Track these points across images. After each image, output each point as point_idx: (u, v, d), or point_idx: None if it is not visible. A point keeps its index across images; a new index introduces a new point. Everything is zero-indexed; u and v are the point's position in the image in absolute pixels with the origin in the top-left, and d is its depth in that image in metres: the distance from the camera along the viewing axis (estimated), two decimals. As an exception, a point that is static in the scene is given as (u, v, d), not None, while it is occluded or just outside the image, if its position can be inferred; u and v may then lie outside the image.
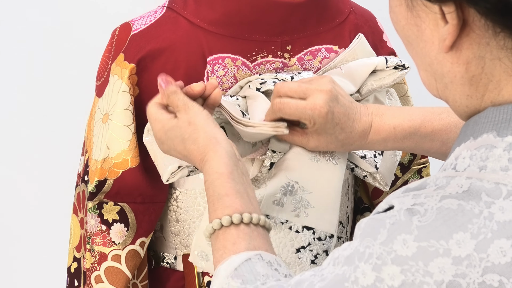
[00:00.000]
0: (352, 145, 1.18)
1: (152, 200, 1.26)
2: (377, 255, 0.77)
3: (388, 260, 0.77)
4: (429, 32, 0.82)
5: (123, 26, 1.26)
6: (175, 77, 1.22)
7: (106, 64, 1.26)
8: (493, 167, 0.78)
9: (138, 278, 1.29)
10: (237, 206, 0.99)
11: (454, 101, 0.85)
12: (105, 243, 1.25)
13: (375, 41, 1.33)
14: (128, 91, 1.22)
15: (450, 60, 0.82)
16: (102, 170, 1.23)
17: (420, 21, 0.83)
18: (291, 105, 1.14)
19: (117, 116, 1.22)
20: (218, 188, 1.01)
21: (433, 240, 0.75)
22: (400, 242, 0.76)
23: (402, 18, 0.85)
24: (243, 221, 0.98)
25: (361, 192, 1.43)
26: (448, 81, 0.83)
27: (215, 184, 1.01)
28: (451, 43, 0.80)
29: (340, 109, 1.15)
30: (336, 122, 1.15)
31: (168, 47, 1.22)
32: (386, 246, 0.77)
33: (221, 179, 1.01)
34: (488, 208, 0.75)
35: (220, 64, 1.22)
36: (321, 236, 1.18)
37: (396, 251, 0.76)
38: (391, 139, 1.17)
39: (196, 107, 1.08)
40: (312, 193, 1.17)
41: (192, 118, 1.07)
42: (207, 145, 1.04)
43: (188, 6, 1.23)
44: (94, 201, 1.24)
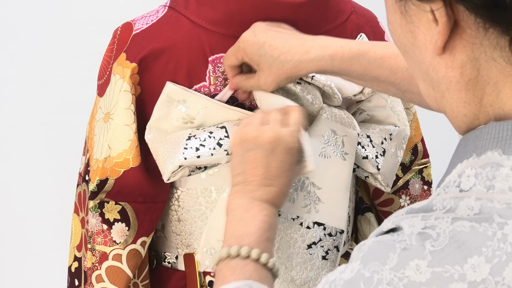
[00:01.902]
0: (295, 62, 1.15)
1: (154, 199, 1.26)
2: (388, 281, 0.74)
3: (400, 286, 0.73)
4: (423, 37, 0.81)
5: (124, 25, 1.26)
6: (176, 77, 1.22)
7: (107, 63, 1.26)
8: (501, 187, 0.76)
9: (139, 278, 1.29)
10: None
11: (451, 111, 0.83)
12: (106, 242, 1.25)
13: (376, 41, 1.33)
14: (129, 90, 1.22)
15: (444, 64, 0.81)
16: (104, 169, 1.23)
17: (414, 26, 0.81)
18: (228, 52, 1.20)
19: (118, 115, 1.22)
20: (260, 223, 1.06)
21: (448, 266, 0.73)
22: (413, 267, 0.74)
23: (397, 27, 0.84)
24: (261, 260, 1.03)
25: (362, 192, 1.43)
26: (445, 87, 0.82)
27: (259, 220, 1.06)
28: (443, 44, 0.79)
29: (266, 31, 1.17)
30: (263, 41, 1.16)
31: (169, 47, 1.22)
32: (398, 271, 0.74)
33: (266, 224, 1.07)
34: (501, 230, 0.73)
35: (222, 63, 1.22)
36: (331, 232, 1.19)
37: (409, 277, 0.74)
38: (338, 57, 1.14)
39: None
40: (322, 189, 1.18)
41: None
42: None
43: (190, 5, 1.23)
44: (95, 201, 1.24)
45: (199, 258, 1.21)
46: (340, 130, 1.21)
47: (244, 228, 1.05)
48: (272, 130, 1.11)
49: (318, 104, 1.22)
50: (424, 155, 1.42)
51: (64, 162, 2.26)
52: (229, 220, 1.08)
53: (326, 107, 1.23)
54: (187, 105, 1.21)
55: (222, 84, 1.23)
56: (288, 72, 1.16)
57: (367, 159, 1.26)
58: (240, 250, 1.02)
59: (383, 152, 1.28)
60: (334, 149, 1.19)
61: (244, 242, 1.03)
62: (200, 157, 1.18)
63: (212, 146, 1.19)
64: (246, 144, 1.12)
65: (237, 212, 1.08)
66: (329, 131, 1.20)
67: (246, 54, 1.17)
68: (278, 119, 1.14)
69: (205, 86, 1.23)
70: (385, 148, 1.28)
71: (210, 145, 1.19)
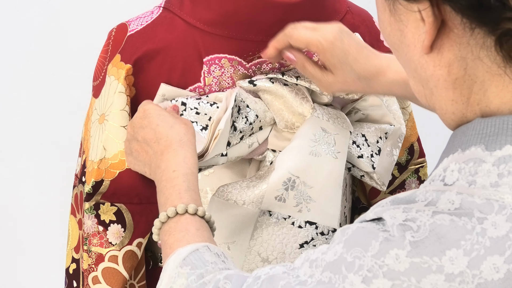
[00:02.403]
0: (370, 81, 1.16)
1: (149, 200, 1.26)
2: (368, 268, 0.76)
3: (379, 273, 0.76)
4: (411, 36, 0.82)
5: (119, 26, 1.26)
6: (171, 78, 1.22)
7: (102, 64, 1.26)
8: (482, 182, 0.77)
9: (135, 279, 1.29)
10: (200, 205, 1.05)
11: (440, 108, 0.84)
12: (102, 244, 1.25)
13: (372, 40, 1.33)
14: (124, 91, 1.22)
15: (432, 63, 0.82)
16: (99, 171, 1.23)
17: (403, 25, 0.82)
18: (301, 30, 1.15)
19: (113, 116, 1.22)
20: (189, 182, 1.07)
21: (426, 257, 0.75)
22: (393, 256, 0.76)
23: (387, 25, 0.85)
24: (204, 217, 1.03)
25: (358, 192, 1.43)
26: (433, 85, 0.83)
27: (189, 178, 1.07)
28: (430, 43, 0.80)
29: (350, 40, 1.15)
30: (347, 49, 1.14)
31: (164, 48, 1.22)
32: (378, 259, 0.76)
33: (193, 177, 1.07)
34: (481, 224, 0.75)
35: (217, 64, 1.22)
36: (324, 231, 1.19)
37: (388, 265, 0.75)
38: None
39: (191, 124, 1.15)
40: (313, 188, 1.17)
41: (187, 123, 1.14)
42: (189, 145, 1.10)
43: (185, 6, 1.23)
44: (91, 202, 1.24)
45: None
46: (331, 129, 1.21)
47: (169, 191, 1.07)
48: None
49: (308, 104, 1.22)
50: (420, 154, 1.42)
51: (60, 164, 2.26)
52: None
53: (317, 106, 1.23)
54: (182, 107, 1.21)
55: (217, 84, 1.23)
56: (358, 88, 1.17)
57: (362, 158, 1.26)
58: (187, 207, 1.03)
59: (379, 151, 1.28)
60: (325, 147, 1.19)
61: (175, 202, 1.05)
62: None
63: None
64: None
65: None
66: (319, 130, 1.19)
67: (323, 53, 1.14)
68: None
69: (200, 87, 1.23)
70: (380, 147, 1.28)
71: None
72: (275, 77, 1.22)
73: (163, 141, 1.11)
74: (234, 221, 1.18)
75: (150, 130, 1.13)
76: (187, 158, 1.08)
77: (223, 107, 1.17)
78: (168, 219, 1.03)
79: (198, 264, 0.94)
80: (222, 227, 1.18)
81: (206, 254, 0.95)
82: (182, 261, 0.94)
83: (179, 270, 0.93)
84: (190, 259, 0.94)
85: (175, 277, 0.93)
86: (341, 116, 1.25)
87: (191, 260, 0.94)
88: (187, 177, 1.06)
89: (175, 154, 1.09)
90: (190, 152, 1.09)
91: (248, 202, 1.17)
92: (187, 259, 0.95)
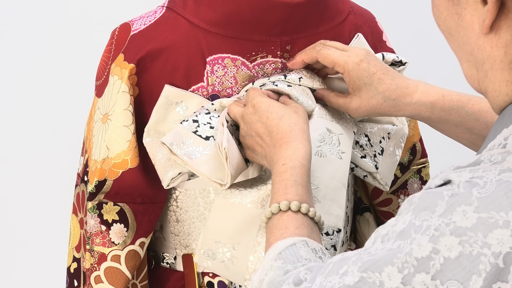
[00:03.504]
0: (396, 102, 1.17)
1: (152, 200, 1.26)
2: (435, 227, 0.78)
3: (446, 231, 0.78)
4: (469, 17, 0.85)
5: (122, 26, 1.26)
6: (174, 77, 1.22)
7: (105, 64, 1.26)
8: None
9: (137, 278, 1.29)
10: (307, 200, 1.04)
11: (493, 91, 0.86)
12: (105, 243, 1.25)
13: (374, 41, 1.33)
14: (127, 91, 1.22)
15: (489, 44, 0.85)
16: (102, 170, 1.23)
17: (460, 8, 0.86)
18: (330, 49, 1.17)
19: (116, 116, 1.22)
20: (297, 176, 1.06)
21: (493, 212, 0.76)
22: (460, 213, 0.77)
23: (443, 9, 0.88)
24: (308, 214, 1.03)
25: (360, 192, 1.43)
26: (488, 67, 0.86)
27: (296, 172, 1.06)
28: (491, 22, 0.83)
29: (376, 62, 1.17)
30: (372, 71, 1.15)
31: (167, 47, 1.22)
32: (445, 217, 0.78)
33: (302, 170, 1.07)
34: None
35: (220, 64, 1.22)
36: (328, 231, 1.18)
37: (455, 222, 0.77)
38: (438, 106, 1.17)
39: (304, 110, 1.16)
40: (318, 188, 1.17)
41: (298, 110, 1.14)
42: (300, 134, 1.10)
43: (188, 6, 1.23)
44: (94, 202, 1.24)
45: (197, 259, 1.21)
46: (336, 129, 1.21)
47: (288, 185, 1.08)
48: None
49: (312, 104, 1.22)
50: (422, 155, 1.42)
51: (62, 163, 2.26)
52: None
53: (320, 106, 1.23)
54: (185, 107, 1.21)
55: (220, 84, 1.23)
56: (385, 109, 1.17)
57: (365, 158, 1.26)
58: (290, 205, 1.04)
59: (382, 151, 1.28)
60: (330, 148, 1.19)
61: (296, 198, 1.05)
62: None
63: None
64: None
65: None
66: (324, 130, 1.19)
67: (348, 74, 1.16)
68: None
69: (203, 87, 1.23)
70: (383, 147, 1.28)
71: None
72: (278, 80, 1.22)
73: (274, 133, 1.12)
74: (239, 222, 1.18)
75: (261, 124, 1.14)
76: (298, 150, 1.09)
77: (221, 130, 1.17)
78: (272, 215, 1.04)
79: (291, 259, 0.95)
80: (227, 228, 1.18)
81: (302, 249, 0.96)
82: (278, 254, 0.96)
83: (272, 263, 0.95)
84: (285, 253, 0.96)
85: (268, 270, 0.95)
86: (345, 116, 1.25)
87: (286, 255, 0.96)
88: (295, 171, 1.07)
89: (287, 146, 1.10)
90: (302, 142, 1.10)
91: (253, 203, 1.17)
92: (283, 253, 0.96)
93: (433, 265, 0.78)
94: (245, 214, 1.17)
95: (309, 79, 1.22)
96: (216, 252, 1.18)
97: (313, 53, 1.19)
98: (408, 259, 0.79)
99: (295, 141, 1.10)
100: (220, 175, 1.17)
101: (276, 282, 0.93)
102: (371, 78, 1.16)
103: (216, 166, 1.17)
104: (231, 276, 1.21)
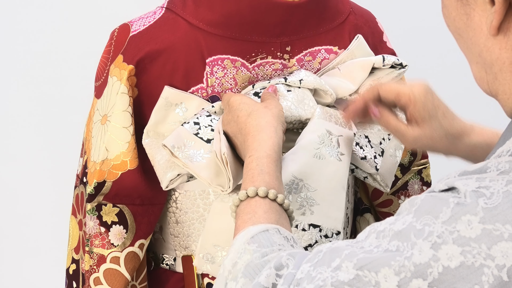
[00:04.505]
0: (455, 140, 1.15)
1: (151, 201, 1.26)
2: (438, 234, 0.77)
3: (449, 239, 0.76)
4: (478, 18, 0.84)
5: (122, 27, 1.26)
6: (174, 78, 1.22)
7: (104, 65, 1.26)
8: None
9: (137, 280, 1.29)
10: (275, 186, 1.04)
11: (503, 93, 0.85)
12: (104, 245, 1.25)
13: (375, 41, 1.33)
14: (127, 92, 1.22)
15: (498, 45, 0.84)
16: (101, 172, 1.23)
17: (469, 8, 0.85)
18: (390, 83, 1.16)
19: (116, 117, 1.22)
20: (263, 165, 1.06)
21: (499, 224, 0.75)
22: (465, 222, 0.76)
23: (452, 10, 0.87)
24: (276, 200, 1.02)
25: (361, 193, 1.43)
26: (497, 69, 0.84)
27: (262, 162, 1.06)
28: (498, 23, 0.82)
29: (438, 97, 1.15)
30: (437, 104, 1.13)
31: (167, 48, 1.22)
32: (449, 225, 0.77)
33: (268, 159, 1.06)
34: None
35: (219, 65, 1.22)
36: (327, 234, 1.18)
37: (459, 231, 0.76)
38: (493, 145, 1.15)
39: (277, 104, 1.16)
40: (317, 191, 1.17)
41: (268, 105, 1.14)
42: (267, 127, 1.10)
43: (187, 7, 1.23)
44: (93, 203, 1.24)
45: (196, 263, 1.21)
46: (336, 130, 1.20)
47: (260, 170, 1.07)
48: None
49: (312, 106, 1.22)
50: (423, 155, 1.42)
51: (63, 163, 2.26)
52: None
53: (321, 107, 1.22)
54: (185, 109, 1.21)
55: (220, 85, 1.23)
56: (443, 145, 1.15)
57: (365, 160, 1.25)
58: (257, 190, 1.03)
59: (382, 152, 1.27)
60: (329, 149, 1.19)
61: (263, 185, 1.04)
62: None
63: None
64: None
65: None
66: (324, 131, 1.19)
67: (414, 105, 1.13)
68: None
69: (203, 88, 1.22)
70: (383, 148, 1.28)
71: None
72: (278, 83, 1.21)
73: (243, 130, 1.12)
74: None
75: (233, 123, 1.14)
76: (263, 141, 1.09)
77: (217, 138, 1.17)
78: (240, 202, 1.03)
79: (265, 243, 0.94)
80: (225, 231, 1.18)
81: (275, 236, 0.95)
82: (251, 238, 0.95)
83: (245, 246, 0.94)
84: (258, 238, 0.95)
85: (241, 253, 0.94)
86: (345, 117, 1.24)
87: (259, 239, 0.95)
88: (260, 161, 1.06)
89: (253, 139, 1.10)
90: (268, 134, 1.09)
91: None
92: (256, 237, 0.95)
93: (431, 273, 0.77)
94: None
95: (310, 81, 1.22)
96: (215, 256, 1.18)
97: (373, 89, 1.16)
98: (406, 263, 0.78)
99: (262, 134, 1.09)
100: (220, 181, 1.16)
101: (253, 265, 0.91)
102: (436, 111, 1.13)
103: (217, 171, 1.17)
104: None
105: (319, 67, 1.27)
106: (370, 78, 1.25)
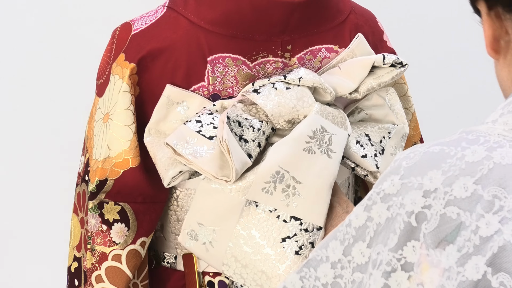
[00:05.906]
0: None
1: (153, 199, 1.26)
2: (368, 197, 0.85)
3: (377, 199, 0.84)
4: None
5: (123, 25, 1.26)
6: (175, 77, 1.22)
7: (106, 63, 1.26)
8: (487, 119, 0.86)
9: (138, 278, 1.29)
10: None
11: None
12: (106, 242, 1.25)
13: (375, 41, 1.33)
14: (128, 90, 1.22)
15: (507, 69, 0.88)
16: (103, 169, 1.23)
17: None
18: None
19: (117, 116, 1.22)
20: None
21: (413, 177, 0.82)
22: (389, 182, 0.84)
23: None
24: None
25: (361, 191, 1.43)
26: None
27: None
28: (490, 44, 0.87)
29: None
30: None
31: (168, 47, 1.22)
32: (377, 188, 0.84)
33: None
34: (463, 151, 0.82)
35: (221, 63, 1.23)
36: (308, 228, 1.18)
37: (384, 190, 0.83)
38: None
39: None
40: (303, 184, 1.17)
41: None
42: None
43: (189, 5, 1.24)
44: (95, 201, 1.24)
45: (180, 239, 1.21)
46: (330, 128, 1.21)
47: None
48: None
49: (311, 104, 1.22)
50: None
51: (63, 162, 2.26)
52: None
53: (319, 104, 1.22)
54: (186, 107, 1.22)
55: (221, 84, 1.23)
56: None
57: (366, 158, 1.26)
58: None
59: (382, 150, 1.27)
60: (320, 145, 1.19)
61: None
62: None
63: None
64: None
65: None
66: (318, 127, 1.19)
67: None
68: None
69: (204, 86, 1.23)
70: (384, 146, 1.28)
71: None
72: (277, 81, 1.22)
73: None
74: (220, 207, 1.17)
75: None
76: None
77: (221, 127, 1.17)
78: None
79: None
80: (209, 211, 1.18)
81: None
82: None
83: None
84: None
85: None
86: (342, 117, 1.24)
87: None
88: None
89: None
90: None
91: (235, 191, 1.17)
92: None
93: (368, 232, 0.84)
94: (226, 201, 1.17)
95: (309, 78, 1.22)
96: (199, 233, 1.18)
97: None
98: (348, 230, 0.85)
99: None
100: (226, 173, 1.17)
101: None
102: None
103: (221, 164, 1.17)
104: (210, 260, 1.20)
105: (319, 65, 1.27)
106: (370, 77, 1.26)
